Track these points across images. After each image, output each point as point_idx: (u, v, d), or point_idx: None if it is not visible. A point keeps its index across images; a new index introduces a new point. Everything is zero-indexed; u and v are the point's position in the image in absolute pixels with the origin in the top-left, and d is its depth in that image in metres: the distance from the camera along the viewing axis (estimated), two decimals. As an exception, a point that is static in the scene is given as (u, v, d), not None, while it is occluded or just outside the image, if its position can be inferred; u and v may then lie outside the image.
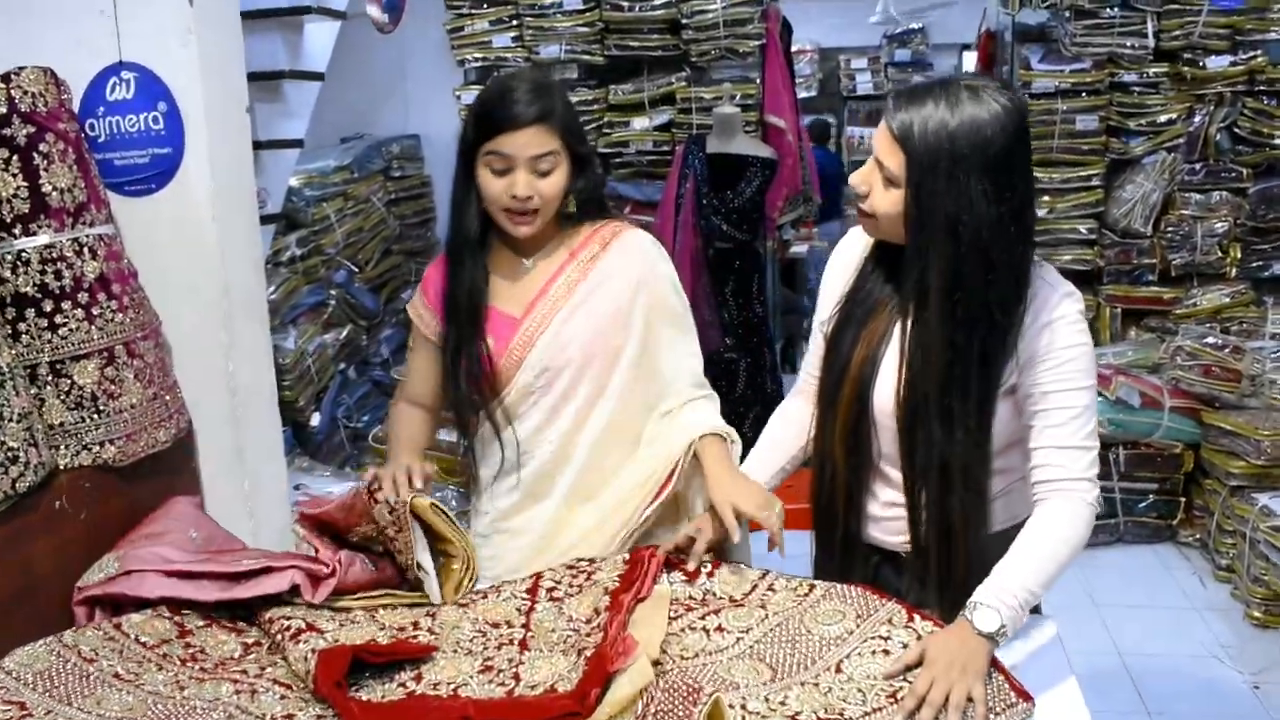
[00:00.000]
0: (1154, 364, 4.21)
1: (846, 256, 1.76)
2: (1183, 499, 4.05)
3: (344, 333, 4.16)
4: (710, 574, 1.66)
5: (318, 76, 3.61)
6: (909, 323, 1.57)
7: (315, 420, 3.97)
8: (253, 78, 3.22)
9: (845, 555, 1.74)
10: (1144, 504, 4.04)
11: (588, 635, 1.49)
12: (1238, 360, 3.98)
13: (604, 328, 1.81)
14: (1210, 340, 4.07)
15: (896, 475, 1.68)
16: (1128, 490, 4.02)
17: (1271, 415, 3.77)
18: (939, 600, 1.58)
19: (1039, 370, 1.55)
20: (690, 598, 1.62)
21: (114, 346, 1.84)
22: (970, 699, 1.34)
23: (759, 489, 1.72)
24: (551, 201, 1.76)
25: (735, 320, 4.49)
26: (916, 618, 1.49)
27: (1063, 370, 1.55)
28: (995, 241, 1.49)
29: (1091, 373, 1.58)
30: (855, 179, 1.59)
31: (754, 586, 1.62)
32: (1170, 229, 4.28)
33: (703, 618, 1.57)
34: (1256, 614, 3.45)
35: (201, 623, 1.61)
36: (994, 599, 1.43)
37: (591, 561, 1.70)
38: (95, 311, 1.82)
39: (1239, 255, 4.28)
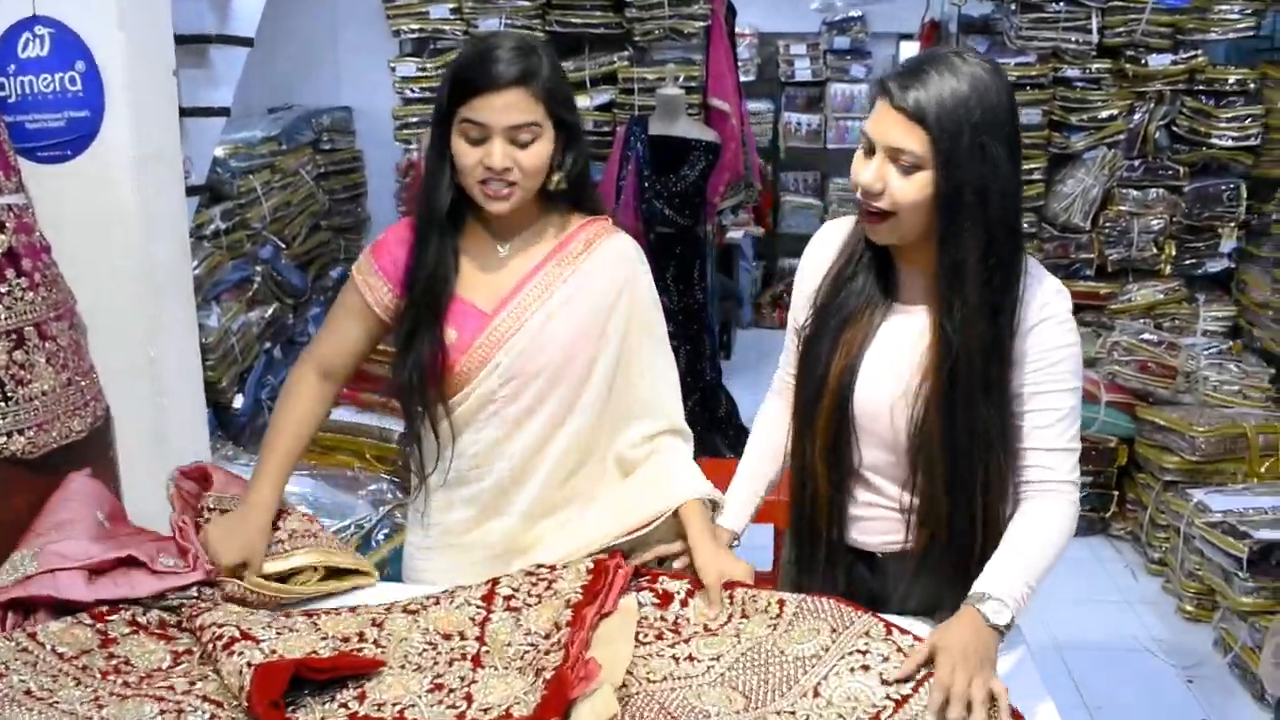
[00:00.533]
0: (1090, 358, 4.25)
1: (821, 256, 1.68)
2: (1116, 492, 4.09)
3: (270, 311, 3.98)
4: (685, 601, 1.55)
5: (246, 42, 3.42)
6: (939, 307, 1.50)
7: (238, 402, 3.80)
8: (178, 40, 3.03)
9: (827, 562, 1.69)
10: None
11: (546, 653, 1.38)
12: (1173, 356, 4.03)
13: (580, 337, 1.65)
14: (1147, 336, 4.12)
15: (877, 479, 1.64)
16: (1063, 484, 4.04)
17: (1205, 412, 3.82)
18: (955, 589, 1.51)
19: (1028, 370, 1.52)
20: (661, 620, 1.52)
21: (24, 328, 1.68)
22: (993, 696, 1.32)
23: (741, 563, 1.62)
24: (532, 175, 1.58)
25: (675, 306, 4.42)
26: (894, 630, 1.42)
27: (1053, 371, 1.52)
28: (1016, 203, 1.48)
29: (1078, 373, 1.55)
30: (867, 178, 1.47)
31: (729, 617, 1.51)
32: (1108, 225, 4.30)
33: (673, 645, 1.46)
34: (1189, 608, 3.50)
35: (127, 630, 1.48)
36: (1002, 592, 1.41)
37: (552, 569, 1.58)
38: (3, 289, 1.66)
39: (1174, 252, 4.32)
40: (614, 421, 1.70)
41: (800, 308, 1.69)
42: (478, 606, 1.52)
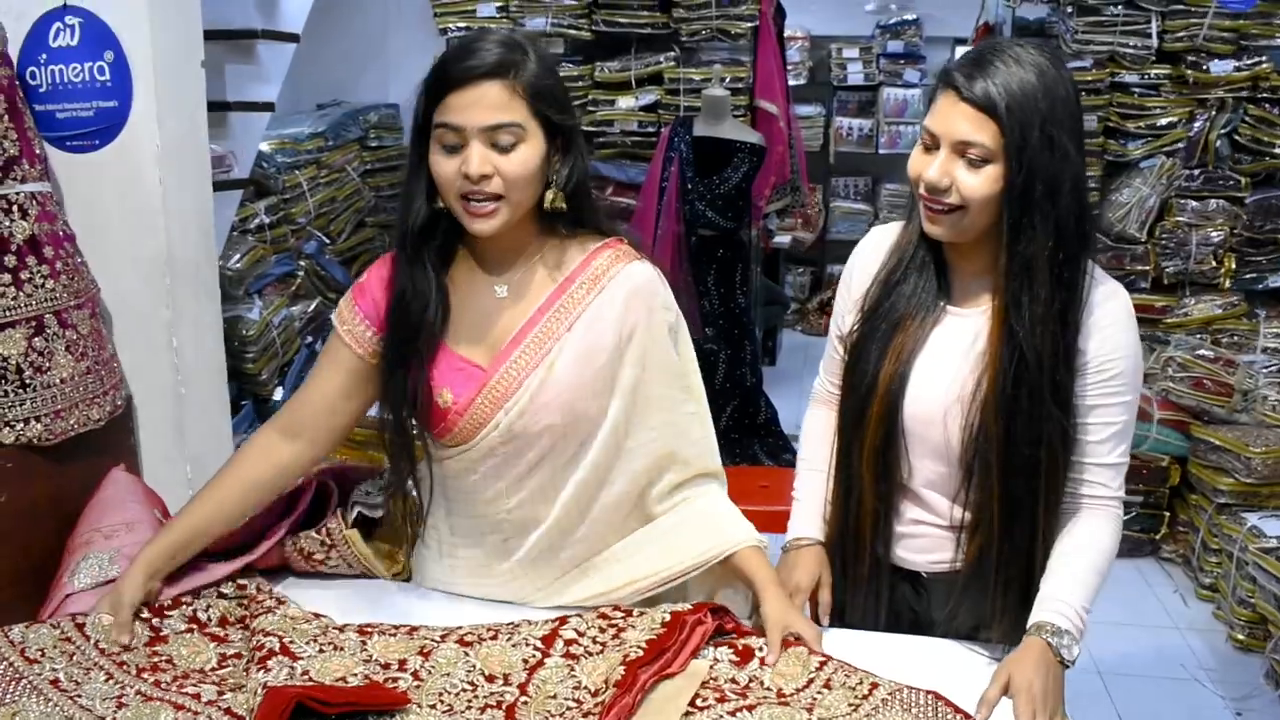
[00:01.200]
0: (1144, 374, 4.12)
1: (868, 261, 1.63)
2: (1167, 514, 3.96)
3: (312, 305, 4.00)
4: (765, 661, 1.39)
5: (293, 38, 3.45)
6: (1004, 307, 1.45)
7: (278, 395, 3.83)
8: (224, 36, 3.07)
9: (872, 579, 1.63)
10: (1128, 517, 3.95)
11: (585, 715, 1.27)
12: (1230, 374, 3.89)
13: (584, 392, 1.48)
14: (1203, 352, 3.98)
15: (926, 493, 1.58)
16: (1111, 502, 3.93)
17: (1263, 432, 3.68)
18: (1005, 608, 1.50)
19: (1088, 378, 1.47)
20: (732, 682, 1.35)
21: (43, 315, 1.68)
22: None
23: (812, 625, 1.49)
24: (519, 185, 1.38)
25: (716, 310, 4.37)
26: None
27: (1110, 385, 1.47)
28: (1084, 197, 1.43)
29: (1137, 384, 1.50)
30: (934, 175, 1.42)
31: (809, 682, 1.35)
32: (1165, 235, 4.17)
33: (734, 713, 1.29)
34: (1240, 636, 3.36)
35: (183, 627, 1.46)
36: (1070, 624, 1.40)
37: (629, 613, 1.45)
38: (24, 276, 1.66)
39: (1233, 266, 4.17)
40: (630, 475, 1.53)
41: (845, 314, 1.64)
42: (535, 648, 1.41)
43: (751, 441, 4.39)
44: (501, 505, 1.54)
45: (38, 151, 1.76)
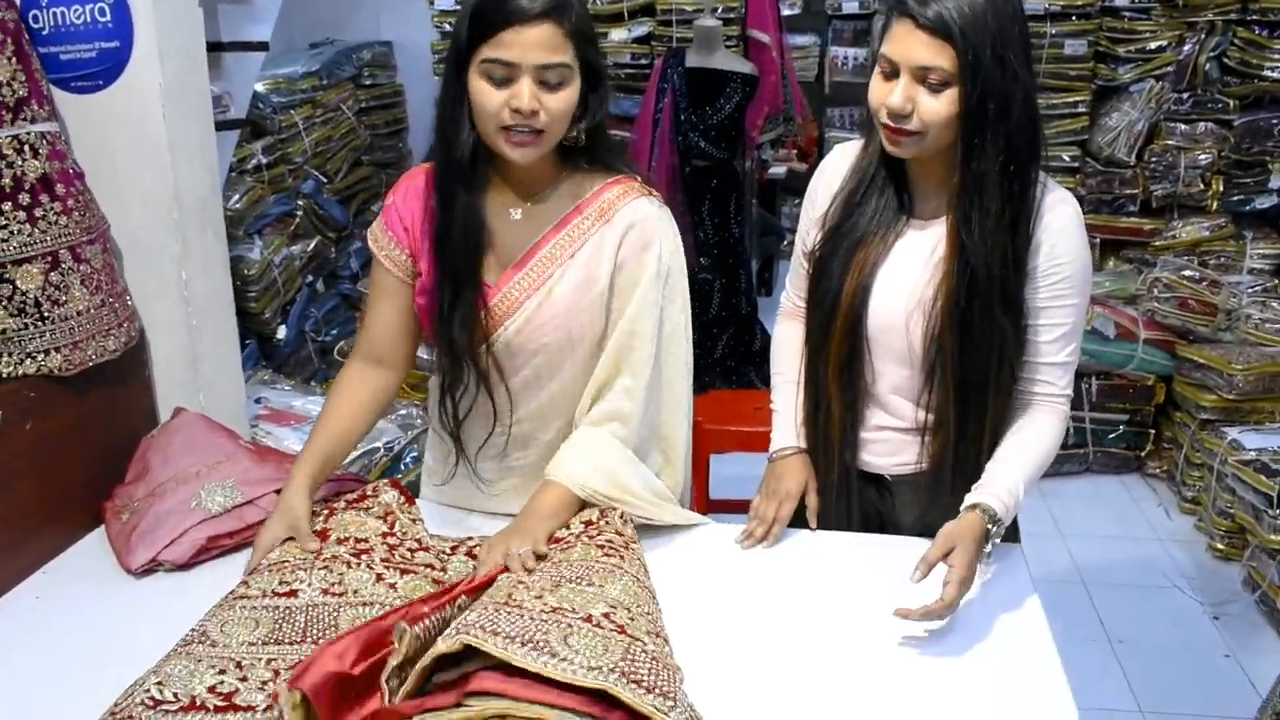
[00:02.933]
0: (1131, 295, 4.19)
1: (830, 179, 1.70)
2: (1152, 431, 4.07)
3: (312, 244, 4.05)
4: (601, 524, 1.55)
5: (284, -24, 3.45)
6: (956, 222, 1.52)
7: (281, 333, 3.89)
8: (215, -25, 3.09)
9: (842, 485, 1.73)
10: (1114, 435, 4.05)
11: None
12: (1214, 294, 3.97)
13: (583, 316, 1.58)
14: (1188, 273, 4.05)
15: (890, 398, 1.67)
16: (1098, 421, 4.03)
17: (1245, 350, 3.77)
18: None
19: (1039, 282, 1.55)
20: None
21: (58, 250, 1.76)
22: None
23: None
24: (559, 122, 1.46)
25: (711, 240, 4.42)
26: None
27: (1059, 288, 1.55)
28: (1034, 111, 1.48)
29: (1086, 287, 1.58)
30: (896, 101, 1.47)
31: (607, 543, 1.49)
32: (1154, 159, 4.21)
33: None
34: (1219, 546, 3.49)
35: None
36: (1004, 513, 1.49)
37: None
38: (38, 213, 1.73)
39: (1221, 188, 4.22)
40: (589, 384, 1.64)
41: (809, 230, 1.71)
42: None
43: (747, 368, 4.48)
44: (504, 417, 1.65)
45: (45, 92, 1.81)
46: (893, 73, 1.49)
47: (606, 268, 1.57)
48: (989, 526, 1.47)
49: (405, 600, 1.41)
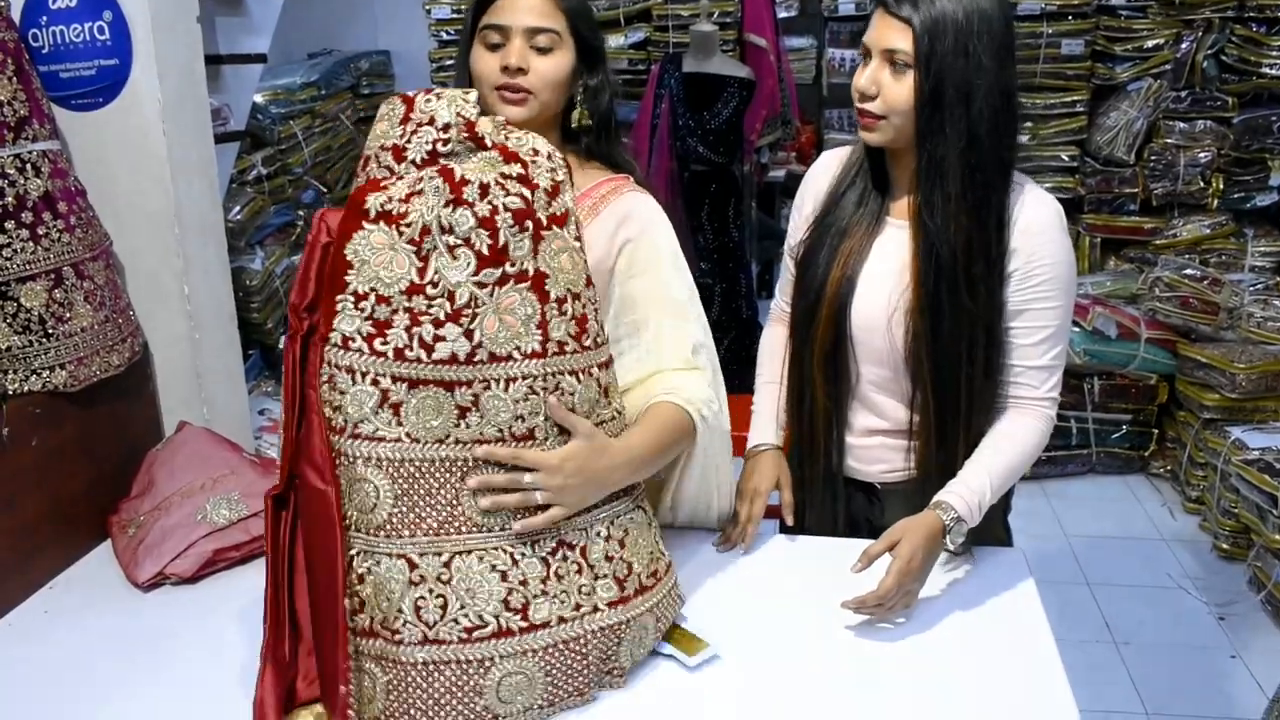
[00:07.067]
0: (1132, 295, 4.19)
1: (819, 182, 1.72)
2: (1155, 431, 4.06)
3: (312, 255, 4.06)
4: None
5: (281, -12, 3.46)
6: (919, 205, 1.53)
7: (283, 343, 3.90)
8: (212, -13, 3.09)
9: (828, 488, 1.73)
10: (1117, 435, 4.05)
11: None
12: (1216, 292, 3.97)
13: None
14: (1189, 272, 4.05)
15: (877, 399, 1.67)
16: (1101, 421, 4.03)
17: (1247, 348, 3.76)
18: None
19: (1014, 283, 1.55)
20: None
21: (62, 267, 1.76)
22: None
23: None
24: (549, 86, 1.50)
25: (710, 245, 4.42)
26: None
27: (1038, 289, 1.55)
28: (1006, 113, 1.50)
29: (1069, 289, 1.57)
30: (863, 83, 1.53)
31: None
32: (1153, 158, 4.22)
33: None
34: (1224, 546, 3.48)
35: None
36: (970, 515, 1.49)
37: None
38: (41, 231, 1.74)
39: (1221, 186, 4.23)
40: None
41: (797, 232, 1.72)
42: None
43: (749, 373, 4.46)
44: None
45: (46, 111, 1.82)
46: (869, 59, 1.54)
47: (598, 255, 1.52)
48: (946, 523, 1.48)
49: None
